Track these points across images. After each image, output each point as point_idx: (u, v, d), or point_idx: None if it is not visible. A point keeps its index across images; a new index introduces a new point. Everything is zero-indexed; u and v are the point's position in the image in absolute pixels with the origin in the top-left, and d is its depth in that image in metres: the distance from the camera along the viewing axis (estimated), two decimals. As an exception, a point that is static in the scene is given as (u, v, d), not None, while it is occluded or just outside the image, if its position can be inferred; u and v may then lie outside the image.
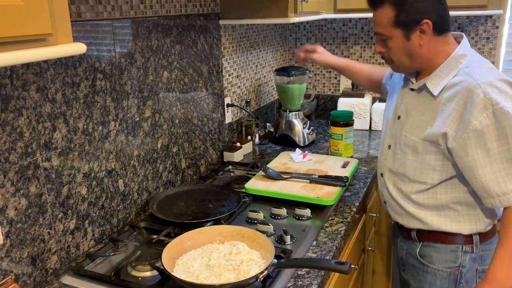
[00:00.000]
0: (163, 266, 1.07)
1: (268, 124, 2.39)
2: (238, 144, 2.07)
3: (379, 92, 1.74)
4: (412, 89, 1.36)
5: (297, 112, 2.20)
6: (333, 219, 1.45)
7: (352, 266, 1.03)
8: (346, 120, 1.92)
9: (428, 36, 1.23)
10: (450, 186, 1.30)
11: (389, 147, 1.43)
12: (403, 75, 1.41)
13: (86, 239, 1.31)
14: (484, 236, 1.33)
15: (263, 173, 1.69)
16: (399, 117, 1.39)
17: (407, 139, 1.34)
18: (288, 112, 2.19)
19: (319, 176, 1.64)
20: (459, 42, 1.31)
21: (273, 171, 1.68)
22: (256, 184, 1.61)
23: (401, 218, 1.43)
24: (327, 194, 1.52)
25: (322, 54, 1.75)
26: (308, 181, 1.63)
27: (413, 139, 1.32)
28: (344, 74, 1.79)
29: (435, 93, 1.27)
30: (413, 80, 1.36)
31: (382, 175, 1.48)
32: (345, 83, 2.64)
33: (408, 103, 1.37)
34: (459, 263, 1.34)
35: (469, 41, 2.29)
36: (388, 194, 1.44)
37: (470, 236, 1.32)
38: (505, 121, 1.15)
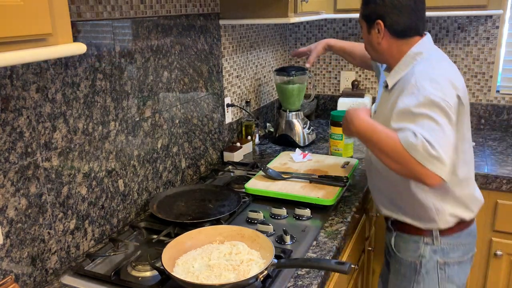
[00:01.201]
0: (163, 266, 1.07)
1: (268, 124, 2.39)
2: (238, 144, 2.07)
3: (371, 69, 1.83)
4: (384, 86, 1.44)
5: (297, 112, 2.20)
6: (333, 219, 1.45)
7: (352, 266, 1.03)
8: (346, 120, 1.92)
9: (382, 35, 1.35)
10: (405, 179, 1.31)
11: None
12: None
13: (86, 239, 1.31)
14: (445, 231, 1.37)
15: (263, 173, 1.69)
16: (375, 112, 1.49)
17: None
18: (288, 112, 2.19)
19: (319, 176, 1.64)
20: None
21: (273, 171, 1.68)
22: (256, 184, 1.61)
23: (377, 205, 1.52)
24: (327, 194, 1.52)
25: (315, 46, 1.87)
26: (308, 181, 1.63)
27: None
28: (343, 56, 1.90)
29: (389, 86, 1.37)
30: (386, 76, 1.43)
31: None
32: (345, 83, 2.64)
33: (380, 98, 1.45)
34: (419, 253, 1.39)
35: (469, 41, 2.31)
36: (369, 182, 1.56)
37: (429, 229, 1.37)
38: (427, 107, 1.17)
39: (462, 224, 1.38)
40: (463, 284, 1.45)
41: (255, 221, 1.42)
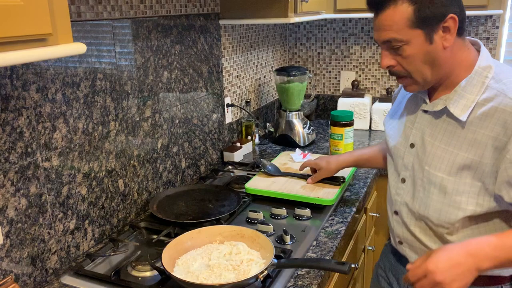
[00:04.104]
0: (163, 266, 1.07)
1: (268, 124, 2.39)
2: (238, 144, 2.07)
3: None
4: (425, 111, 1.14)
5: (297, 112, 2.20)
6: (333, 219, 1.45)
7: (352, 266, 1.03)
8: (346, 120, 1.92)
9: (452, 36, 1.02)
10: (488, 225, 1.09)
11: (403, 180, 1.21)
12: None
13: (86, 239, 1.31)
14: None
15: (262, 169, 1.69)
16: (412, 145, 1.17)
17: (431, 175, 1.11)
18: (288, 112, 2.19)
19: (319, 176, 1.64)
20: (477, 50, 1.09)
21: (272, 167, 1.68)
22: (256, 184, 1.61)
23: None
24: (327, 194, 1.52)
25: (327, 166, 1.54)
26: (308, 181, 1.63)
27: (440, 175, 1.09)
28: (360, 166, 1.61)
29: (463, 118, 1.04)
30: (426, 98, 1.14)
31: (396, 213, 1.23)
32: (345, 83, 2.64)
33: (423, 128, 1.14)
34: None
35: (469, 41, 2.30)
36: (408, 232, 1.19)
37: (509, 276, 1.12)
38: None
39: None
40: None
41: (255, 221, 1.42)
